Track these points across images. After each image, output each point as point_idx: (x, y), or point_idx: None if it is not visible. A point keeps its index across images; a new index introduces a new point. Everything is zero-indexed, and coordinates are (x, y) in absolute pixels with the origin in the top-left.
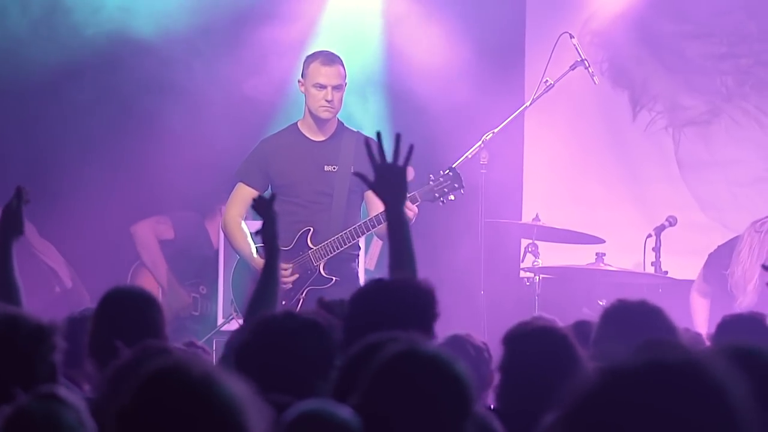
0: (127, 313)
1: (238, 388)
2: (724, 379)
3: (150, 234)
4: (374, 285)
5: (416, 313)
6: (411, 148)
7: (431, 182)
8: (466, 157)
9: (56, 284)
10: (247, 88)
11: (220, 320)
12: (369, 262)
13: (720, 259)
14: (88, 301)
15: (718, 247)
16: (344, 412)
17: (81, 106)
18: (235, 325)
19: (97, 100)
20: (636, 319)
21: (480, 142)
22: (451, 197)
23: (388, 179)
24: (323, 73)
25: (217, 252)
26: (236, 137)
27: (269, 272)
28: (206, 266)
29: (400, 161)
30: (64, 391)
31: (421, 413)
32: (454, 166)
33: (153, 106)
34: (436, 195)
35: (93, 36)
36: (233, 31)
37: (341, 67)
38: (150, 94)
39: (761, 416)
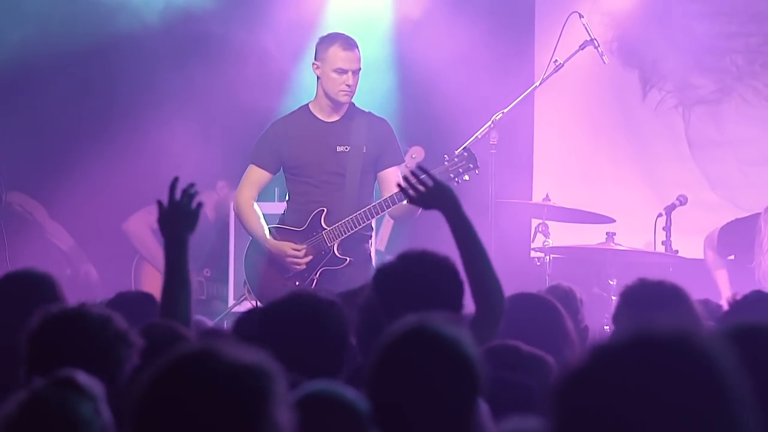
0: (24, 296)
1: (267, 371)
2: (716, 357)
3: (143, 227)
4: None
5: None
6: (425, 171)
7: (446, 162)
8: (476, 137)
9: (67, 266)
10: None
11: (231, 302)
12: (380, 242)
13: (735, 234)
14: (97, 283)
15: (734, 221)
16: (351, 393)
17: (91, 88)
18: (247, 305)
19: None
20: (656, 299)
21: (490, 122)
22: (466, 177)
23: (437, 199)
24: (344, 58)
25: (216, 228)
26: (239, 113)
27: (174, 271)
28: (205, 246)
29: (434, 181)
30: (83, 377)
31: (427, 394)
32: (464, 146)
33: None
34: (451, 175)
35: (108, 16)
36: (240, 9)
37: (358, 51)
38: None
39: (761, 394)
